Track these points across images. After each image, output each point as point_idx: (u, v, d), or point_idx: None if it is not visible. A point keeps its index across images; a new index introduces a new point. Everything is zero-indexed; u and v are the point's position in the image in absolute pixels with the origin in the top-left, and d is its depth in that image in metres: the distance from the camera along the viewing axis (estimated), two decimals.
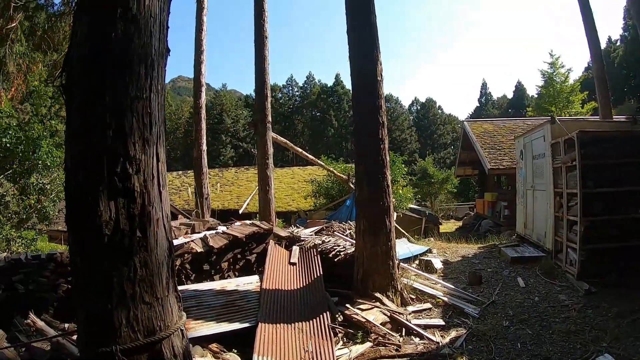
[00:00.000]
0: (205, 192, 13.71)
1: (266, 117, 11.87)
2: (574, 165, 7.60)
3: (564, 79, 34.60)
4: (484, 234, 17.20)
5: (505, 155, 19.84)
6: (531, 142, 10.57)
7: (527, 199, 10.86)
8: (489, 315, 6.45)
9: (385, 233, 6.72)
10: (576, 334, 5.54)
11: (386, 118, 7.03)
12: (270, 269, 6.71)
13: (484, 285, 7.90)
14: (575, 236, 7.52)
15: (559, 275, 7.94)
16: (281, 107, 73.05)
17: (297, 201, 26.59)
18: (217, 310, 5.39)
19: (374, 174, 6.75)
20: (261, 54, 11.95)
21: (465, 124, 24.41)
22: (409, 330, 5.75)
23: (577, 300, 6.70)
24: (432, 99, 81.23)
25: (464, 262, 9.71)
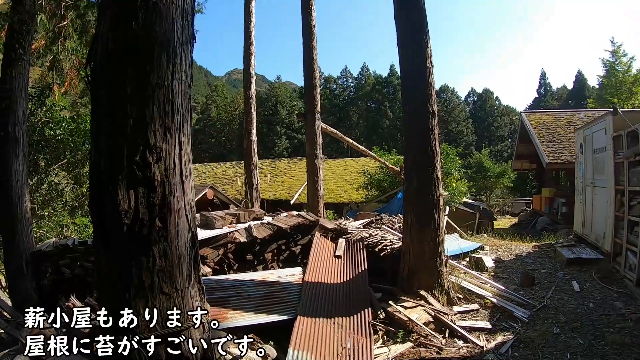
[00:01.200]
0: (254, 183, 13.74)
1: (315, 107, 11.72)
2: (638, 161, 7.09)
3: (627, 68, 32.73)
4: (539, 231, 16.64)
5: (564, 149, 19.08)
6: (591, 135, 9.99)
7: (586, 196, 10.28)
8: (539, 320, 6.09)
9: (433, 228, 6.42)
10: (631, 347, 5.11)
11: (437, 107, 6.70)
12: (314, 262, 6.57)
13: (537, 287, 7.52)
14: (637, 239, 6.99)
15: (617, 280, 7.46)
16: (336, 99, 73.48)
17: (349, 193, 26.51)
18: (256, 301, 5.31)
19: (423, 166, 6.45)
20: (309, 43, 11.80)
21: (523, 115, 23.62)
22: (452, 332, 5.50)
23: (634, 309, 6.23)
24: (490, 90, 79.42)
25: (517, 262, 9.32)
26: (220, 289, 5.47)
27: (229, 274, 6.17)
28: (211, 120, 71.52)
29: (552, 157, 18.80)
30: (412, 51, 6.59)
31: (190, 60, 3.04)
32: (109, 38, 2.80)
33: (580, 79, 72.82)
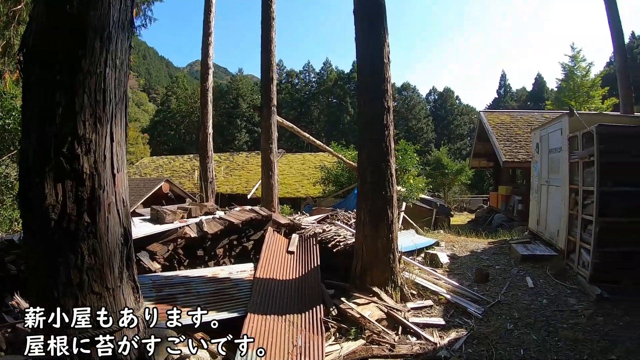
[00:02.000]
0: (210, 176, 13.52)
1: (271, 100, 11.53)
2: (592, 161, 7.17)
3: (585, 73, 34.46)
4: (496, 228, 16.92)
5: (521, 148, 19.46)
6: (548, 135, 10.14)
7: (541, 194, 10.46)
8: (493, 316, 6.11)
9: (387, 224, 6.36)
10: (584, 343, 5.18)
11: (392, 103, 6.64)
12: (266, 257, 6.46)
13: (491, 283, 7.56)
14: (590, 237, 7.11)
15: (570, 277, 7.57)
16: (297, 93, 73.54)
17: (307, 187, 26.50)
18: (205, 298, 5.18)
19: (377, 162, 6.38)
20: (268, 36, 11.63)
21: (482, 114, 24.04)
22: (405, 329, 5.45)
23: (587, 306, 6.34)
24: (450, 89, 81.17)
25: (472, 258, 9.38)
26: (169, 285, 5.32)
27: (179, 270, 6.02)
28: (171, 112, 70.66)
29: (508, 156, 19.16)
30: (369, 46, 6.51)
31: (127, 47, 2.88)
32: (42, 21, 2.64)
33: (540, 81, 75.00)
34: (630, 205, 6.94)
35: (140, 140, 57.61)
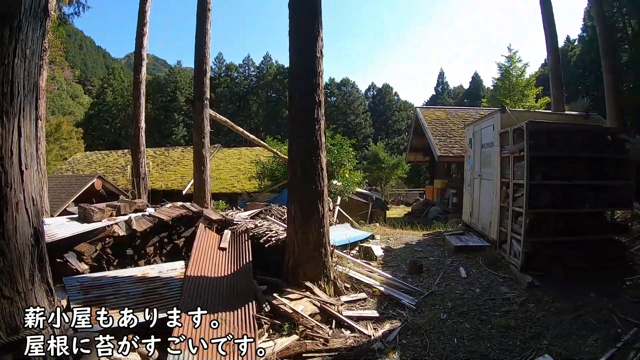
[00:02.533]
0: (142, 172, 13.14)
1: (204, 93, 11.27)
2: (522, 156, 7.42)
3: (520, 73, 36.11)
4: (431, 220, 17.25)
5: (455, 143, 19.99)
6: (480, 131, 10.43)
7: (474, 187, 10.75)
8: (427, 306, 6.21)
9: (317, 218, 6.35)
10: (516, 330, 5.33)
11: (324, 97, 6.63)
12: (197, 255, 6.27)
13: (425, 274, 7.68)
14: (520, 228, 7.38)
15: (503, 266, 7.80)
16: (236, 87, 72.73)
17: (242, 182, 26.15)
18: (135, 299, 4.96)
19: (307, 156, 6.35)
20: (203, 27, 11.36)
21: (418, 110, 24.61)
22: (339, 323, 5.46)
23: (519, 293, 6.53)
24: (389, 85, 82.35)
25: (407, 250, 9.51)
26: (98, 287, 5.08)
27: (109, 270, 5.74)
28: (106, 105, 67.90)
29: (443, 151, 19.66)
30: (302, 39, 6.45)
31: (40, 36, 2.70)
32: None
33: (477, 79, 77.54)
34: (558, 197, 7.28)
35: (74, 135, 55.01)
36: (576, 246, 7.29)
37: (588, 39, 42.42)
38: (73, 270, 5.40)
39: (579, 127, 8.49)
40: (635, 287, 6.57)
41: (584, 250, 7.25)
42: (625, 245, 8.01)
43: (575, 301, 5.94)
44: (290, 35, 6.54)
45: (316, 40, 6.38)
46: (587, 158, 7.44)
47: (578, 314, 5.59)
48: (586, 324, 5.34)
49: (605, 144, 7.76)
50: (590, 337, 4.99)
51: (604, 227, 7.81)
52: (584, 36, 47.62)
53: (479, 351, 4.89)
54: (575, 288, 6.44)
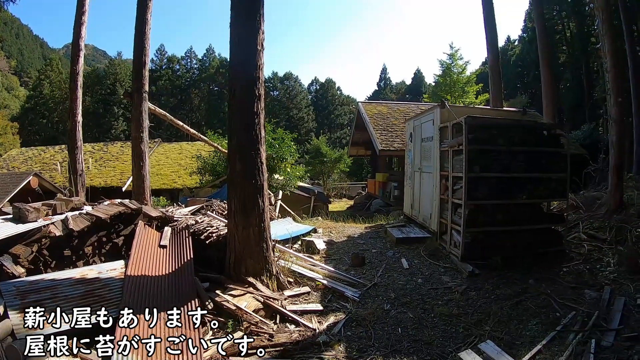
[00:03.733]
0: (79, 168, 12.56)
1: (143, 86, 10.89)
2: (461, 150, 7.61)
3: (462, 70, 36.90)
4: (373, 213, 17.42)
5: (397, 137, 20.27)
6: (421, 125, 10.60)
7: (415, 180, 10.94)
8: (370, 298, 6.28)
9: (258, 213, 6.31)
10: (459, 317, 5.51)
11: (264, 90, 6.55)
12: (137, 253, 6.07)
13: (367, 266, 7.75)
14: (460, 219, 7.56)
15: (444, 256, 7.99)
16: (178, 80, 71.10)
17: (184, 178, 25.66)
18: (74, 302, 4.77)
19: (247, 150, 6.28)
20: (143, 17, 10.92)
21: (360, 104, 24.82)
22: (284, 317, 5.44)
23: (460, 282, 6.72)
24: (332, 80, 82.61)
25: (349, 243, 9.57)
26: (35, 291, 4.85)
27: (46, 273, 5.50)
28: (43, 98, 64.06)
29: (384, 145, 19.89)
30: (243, 32, 6.35)
31: None
32: None
33: (419, 76, 79.00)
34: (496, 189, 7.53)
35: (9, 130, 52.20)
36: (515, 235, 7.57)
37: (528, 40, 44.27)
38: (9, 274, 5.14)
39: (516, 122, 8.77)
40: (572, 274, 6.90)
41: (523, 240, 7.55)
42: (561, 234, 8.38)
43: (515, 288, 6.18)
44: (231, 28, 6.42)
45: (257, 33, 6.31)
46: (524, 152, 7.70)
47: (518, 300, 5.81)
48: (526, 309, 5.56)
49: (541, 139, 8.09)
50: (530, 322, 5.20)
51: (541, 217, 8.13)
52: (524, 37, 49.82)
53: (423, 339, 5.00)
54: (514, 276, 6.68)
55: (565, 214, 8.81)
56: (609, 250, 7.68)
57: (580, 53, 35.40)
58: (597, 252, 7.78)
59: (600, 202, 10.05)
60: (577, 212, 10.18)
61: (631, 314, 5.22)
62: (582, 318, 5.16)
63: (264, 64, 6.46)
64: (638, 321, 5.04)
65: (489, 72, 17.30)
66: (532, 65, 39.88)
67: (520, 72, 48.30)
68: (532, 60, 38.72)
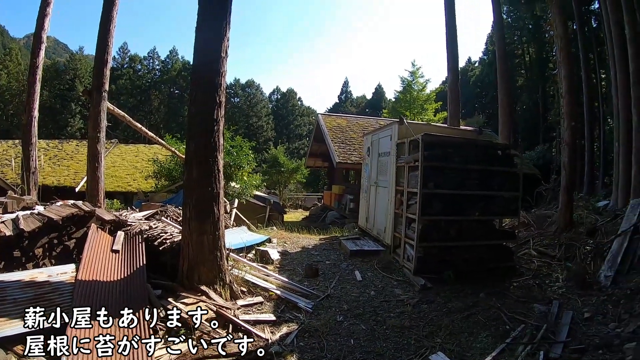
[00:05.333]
0: (32, 166, 12.09)
1: (103, 85, 10.62)
2: (417, 166, 7.74)
3: (422, 88, 38.09)
4: (328, 225, 17.50)
5: (354, 151, 20.48)
6: (378, 140, 10.77)
7: (370, 194, 11.07)
8: (323, 309, 6.30)
9: (213, 221, 6.24)
10: (410, 330, 5.59)
11: (225, 98, 6.49)
12: (89, 257, 5.89)
13: (321, 278, 7.79)
14: (413, 233, 7.69)
15: (397, 270, 8.09)
16: (139, 80, 69.30)
17: (139, 181, 25.19)
18: (23, 306, 4.56)
19: (204, 157, 6.21)
20: (108, 14, 10.61)
21: (320, 116, 24.98)
22: (236, 327, 5.38)
23: (412, 295, 6.83)
24: (294, 90, 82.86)
25: (303, 254, 9.58)
26: None
27: None
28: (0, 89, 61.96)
29: (342, 157, 20.08)
30: (209, 38, 6.31)
31: None
32: None
33: (379, 91, 80.00)
34: (450, 206, 7.72)
35: None
36: (467, 251, 7.79)
37: (488, 62, 45.50)
38: None
39: (471, 141, 8.98)
40: (522, 288, 7.20)
41: (475, 255, 7.78)
42: (512, 250, 8.69)
43: (466, 301, 6.34)
44: (196, 33, 6.39)
45: (222, 41, 6.29)
46: (478, 170, 7.94)
47: (469, 313, 5.95)
48: (477, 322, 5.71)
49: (495, 158, 8.37)
50: (480, 334, 5.35)
51: (493, 233, 8.40)
52: (484, 59, 51.28)
53: (375, 351, 5.06)
54: (466, 289, 6.86)
55: (516, 231, 9.11)
56: (558, 266, 8.03)
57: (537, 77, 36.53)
58: (546, 268, 8.12)
59: (551, 220, 10.46)
60: (528, 229, 10.58)
61: (578, 327, 5.47)
62: (530, 331, 5.34)
63: (226, 71, 6.43)
64: (585, 334, 5.27)
65: (448, 92, 17.72)
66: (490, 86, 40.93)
67: (479, 92, 49.57)
68: (490, 81, 39.78)
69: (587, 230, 9.10)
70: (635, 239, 7.47)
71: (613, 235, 8.03)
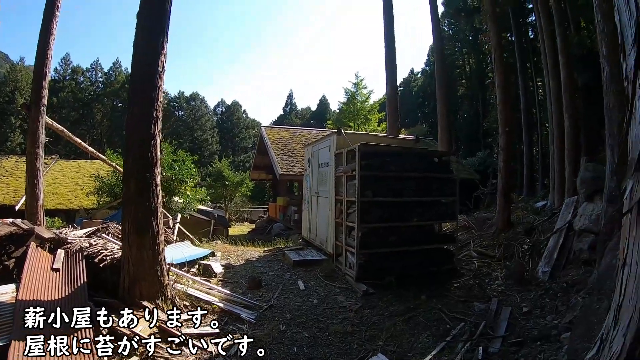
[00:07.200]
0: None
1: (42, 99, 10.32)
2: (354, 175, 7.92)
3: (365, 98, 38.71)
4: (274, 237, 17.51)
5: (297, 162, 20.68)
6: (318, 151, 10.92)
7: (312, 204, 11.19)
8: (266, 320, 6.32)
9: (152, 236, 6.19)
10: (353, 335, 5.69)
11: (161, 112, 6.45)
12: (29, 277, 5.71)
13: (264, 289, 7.79)
14: (354, 241, 7.81)
15: (340, 277, 8.21)
16: (81, 93, 66.55)
17: (80, 198, 24.39)
18: None
19: (141, 172, 6.16)
20: (48, 26, 10.29)
21: (262, 129, 25.15)
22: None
23: (355, 302, 6.94)
24: (238, 102, 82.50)
25: (247, 266, 9.57)
26: None
27: None
28: None
29: (285, 169, 20.27)
30: (146, 52, 6.28)
31: None
32: None
33: (324, 102, 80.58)
34: (388, 213, 7.92)
35: None
36: (408, 256, 8.00)
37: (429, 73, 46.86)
38: None
39: (408, 150, 9.28)
40: (462, 288, 7.48)
41: (415, 259, 8.01)
42: (453, 252, 8.98)
43: (407, 304, 6.51)
44: (134, 47, 6.37)
45: (160, 55, 6.28)
46: (415, 177, 8.19)
47: (410, 315, 6.13)
48: (418, 323, 5.90)
49: (432, 165, 8.72)
50: (422, 335, 5.54)
51: (432, 237, 8.69)
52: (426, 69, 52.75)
53: (317, 357, 5.16)
54: (407, 293, 7.03)
55: (458, 234, 9.48)
56: (498, 265, 8.41)
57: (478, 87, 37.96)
58: (486, 267, 8.48)
59: (491, 222, 10.90)
60: (469, 232, 10.97)
61: (517, 322, 5.75)
62: (470, 328, 5.57)
63: (163, 85, 6.42)
64: (523, 327, 5.55)
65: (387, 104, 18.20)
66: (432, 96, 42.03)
67: (422, 102, 50.91)
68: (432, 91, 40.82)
69: (525, 229, 9.56)
70: (570, 235, 7.90)
71: (549, 233, 8.47)
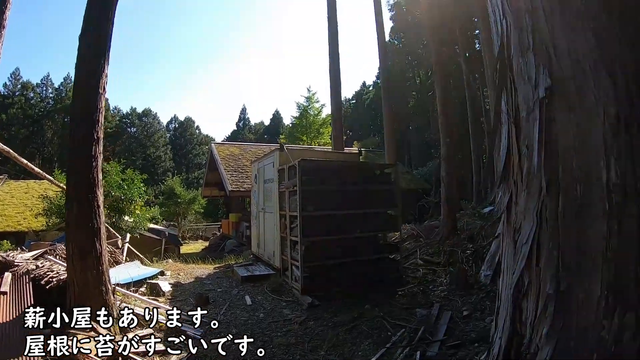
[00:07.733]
0: None
1: None
2: (296, 190, 8.11)
3: (317, 112, 39.27)
4: (227, 253, 17.53)
5: (247, 178, 20.76)
6: (264, 167, 11.08)
7: (259, 220, 11.34)
8: (213, 335, 6.34)
9: (95, 257, 6.22)
10: (296, 346, 5.82)
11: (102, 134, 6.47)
12: None
13: (212, 305, 7.87)
14: (298, 255, 8.00)
15: (286, 291, 8.36)
16: (31, 109, 64.09)
17: (29, 220, 23.76)
18: None
19: (83, 193, 6.20)
20: None
21: (213, 146, 25.28)
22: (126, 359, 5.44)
23: (300, 314, 7.08)
24: (191, 119, 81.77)
25: (196, 284, 9.65)
26: None
27: None
28: None
29: (235, 186, 20.42)
30: (87, 74, 6.34)
31: None
32: None
33: (277, 117, 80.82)
34: (331, 226, 8.16)
35: None
36: (353, 266, 8.22)
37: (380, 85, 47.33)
38: None
39: (349, 164, 9.57)
40: (407, 296, 7.73)
41: (360, 270, 8.24)
42: (398, 261, 9.20)
43: (351, 314, 6.68)
44: (76, 68, 6.43)
45: (100, 77, 6.34)
46: (357, 190, 8.46)
47: (353, 325, 6.29)
48: (361, 332, 6.06)
49: (373, 177, 8.98)
50: (363, 343, 5.69)
51: (377, 248, 8.87)
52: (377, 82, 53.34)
53: None
54: (353, 303, 7.20)
55: (400, 244, 9.71)
56: (442, 272, 8.71)
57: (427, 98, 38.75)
58: (431, 274, 8.77)
59: (438, 231, 11.21)
60: (417, 240, 11.28)
61: (457, 325, 5.99)
62: (409, 334, 5.76)
63: (104, 107, 6.48)
64: (463, 330, 5.80)
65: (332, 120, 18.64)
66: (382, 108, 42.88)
67: (374, 114, 51.52)
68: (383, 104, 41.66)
69: (468, 235, 9.91)
70: None
71: (492, 237, 8.80)
